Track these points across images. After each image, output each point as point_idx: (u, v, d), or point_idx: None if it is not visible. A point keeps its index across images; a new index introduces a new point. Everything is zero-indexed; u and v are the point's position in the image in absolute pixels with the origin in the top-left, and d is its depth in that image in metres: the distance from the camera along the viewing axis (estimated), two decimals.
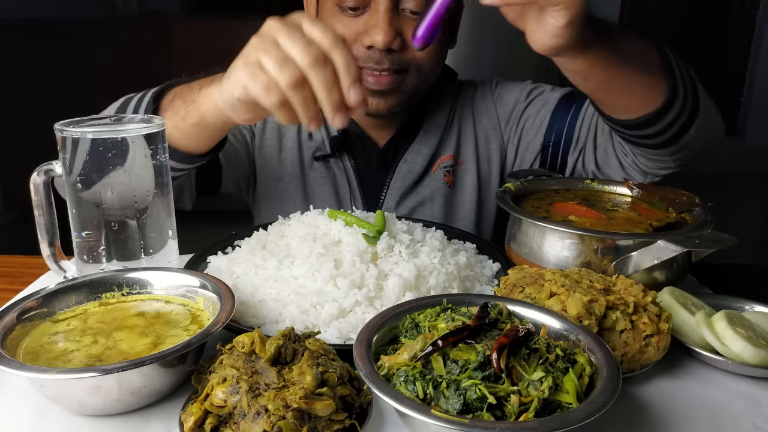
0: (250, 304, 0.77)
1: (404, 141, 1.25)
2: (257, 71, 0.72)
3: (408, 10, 1.06)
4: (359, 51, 1.08)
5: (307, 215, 0.94)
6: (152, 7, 4.64)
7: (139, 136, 0.78)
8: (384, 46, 1.05)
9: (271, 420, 0.51)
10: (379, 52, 1.07)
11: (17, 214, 3.48)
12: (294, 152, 1.26)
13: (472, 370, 0.53)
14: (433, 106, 1.27)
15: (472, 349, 0.55)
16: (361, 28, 1.08)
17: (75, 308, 0.73)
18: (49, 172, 0.81)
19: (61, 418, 0.61)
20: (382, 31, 1.04)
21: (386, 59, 1.07)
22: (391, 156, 1.26)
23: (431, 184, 1.27)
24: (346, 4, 1.07)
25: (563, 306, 0.67)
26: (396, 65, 1.09)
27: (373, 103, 1.14)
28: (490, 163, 1.30)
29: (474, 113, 1.30)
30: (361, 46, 1.08)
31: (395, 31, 1.06)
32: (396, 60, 1.08)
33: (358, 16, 1.08)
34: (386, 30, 1.04)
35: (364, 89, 1.03)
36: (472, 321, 0.58)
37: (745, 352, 0.68)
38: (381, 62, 1.08)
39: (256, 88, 0.73)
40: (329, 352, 0.61)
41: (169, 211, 0.84)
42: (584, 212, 0.91)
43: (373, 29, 1.05)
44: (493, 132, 1.30)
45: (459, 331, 0.56)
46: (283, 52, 0.71)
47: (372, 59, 1.08)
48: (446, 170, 1.27)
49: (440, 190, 1.27)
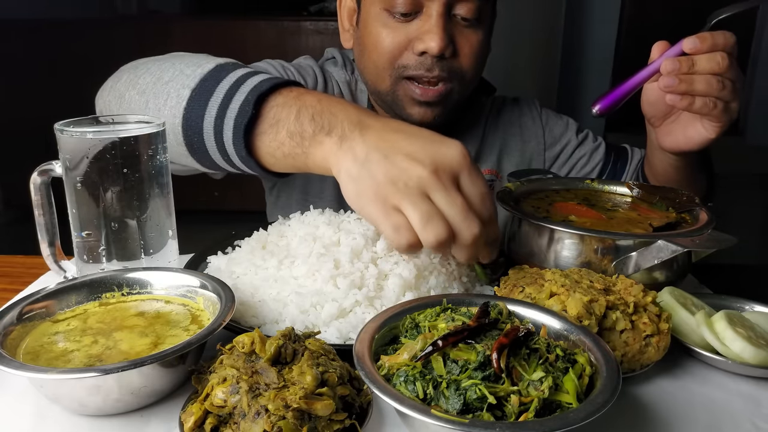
0: (250, 304, 0.77)
1: None
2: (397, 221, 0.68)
3: (460, 17, 1.05)
4: (409, 58, 1.06)
5: (307, 215, 0.94)
6: (152, 7, 4.65)
7: (140, 136, 0.78)
8: (438, 51, 1.03)
9: (271, 420, 0.51)
10: (431, 59, 1.05)
11: (17, 214, 3.49)
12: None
13: (472, 370, 0.53)
14: (469, 116, 1.26)
15: (472, 349, 0.55)
16: (412, 34, 1.05)
17: (75, 308, 0.73)
18: (49, 172, 0.81)
19: (61, 418, 0.61)
20: (437, 37, 1.02)
21: (437, 66, 1.05)
22: None
23: None
24: (396, 10, 1.04)
25: (563, 306, 0.67)
26: (446, 73, 1.07)
27: (420, 113, 1.12)
28: None
29: (522, 133, 1.31)
30: (412, 53, 1.06)
31: (449, 37, 1.04)
32: (446, 68, 1.07)
33: (408, 21, 1.05)
34: (440, 35, 1.02)
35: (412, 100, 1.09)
36: (472, 321, 0.58)
37: (745, 352, 0.68)
38: (432, 69, 1.06)
39: (389, 232, 0.69)
40: (329, 352, 0.61)
41: (169, 211, 0.84)
42: (584, 212, 0.91)
43: (426, 35, 1.03)
44: (537, 156, 1.31)
45: (459, 331, 0.56)
46: (433, 207, 0.67)
47: (423, 66, 1.06)
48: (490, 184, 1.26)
49: None
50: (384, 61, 1.08)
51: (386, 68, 1.09)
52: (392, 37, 1.06)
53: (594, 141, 1.35)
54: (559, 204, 0.95)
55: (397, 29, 1.06)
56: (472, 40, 1.08)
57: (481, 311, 0.60)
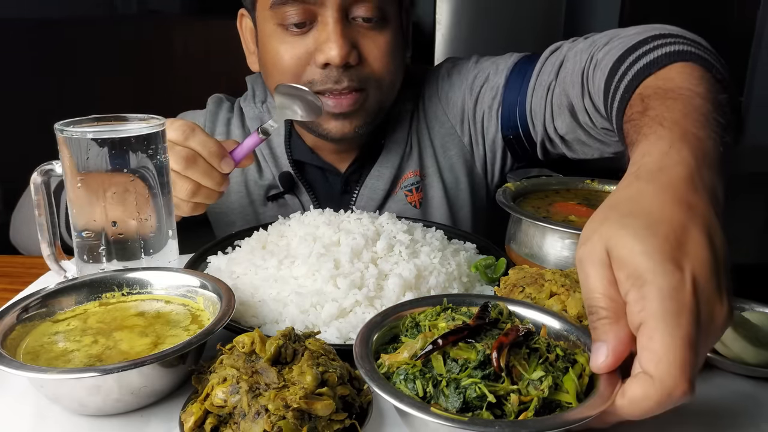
0: (250, 304, 0.77)
1: (366, 163, 1.16)
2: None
3: (360, 18, 0.98)
4: (314, 73, 0.99)
5: (307, 215, 0.94)
6: (152, 7, 4.65)
7: (139, 136, 0.78)
8: (341, 60, 0.95)
9: (271, 420, 0.51)
10: (336, 70, 0.97)
11: None
12: (242, 194, 1.18)
13: (471, 369, 0.53)
14: (393, 119, 1.17)
15: (472, 348, 0.55)
16: (311, 46, 0.98)
17: (75, 308, 0.73)
18: (49, 172, 0.81)
19: (61, 418, 0.61)
20: (336, 45, 0.94)
21: (345, 77, 0.98)
22: (354, 181, 1.17)
23: (393, 206, 1.17)
24: (289, 21, 0.97)
25: (563, 306, 0.67)
26: (356, 82, 1.00)
27: (337, 126, 1.05)
28: (453, 171, 1.20)
29: (427, 121, 1.19)
30: (315, 66, 0.98)
31: (350, 43, 0.97)
32: (355, 76, 0.99)
33: (305, 33, 0.98)
34: (340, 43, 0.95)
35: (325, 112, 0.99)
36: (473, 320, 0.58)
37: (746, 353, 0.68)
38: (340, 80, 0.98)
39: (176, 190, 0.87)
40: (329, 352, 0.61)
41: (169, 211, 0.84)
42: (584, 212, 0.91)
43: (325, 44, 0.96)
44: (449, 138, 1.19)
45: (459, 330, 0.56)
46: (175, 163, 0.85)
47: (330, 79, 0.98)
48: (413, 187, 1.17)
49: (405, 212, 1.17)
50: (287, 79, 1.00)
51: None
52: (290, 53, 0.99)
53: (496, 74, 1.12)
54: (559, 204, 0.95)
55: (294, 44, 0.99)
56: (379, 41, 1.00)
57: (481, 311, 0.60)
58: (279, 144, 1.18)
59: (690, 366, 0.46)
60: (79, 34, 3.60)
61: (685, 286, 0.47)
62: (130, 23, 3.89)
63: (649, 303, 0.47)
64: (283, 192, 1.16)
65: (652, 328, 0.47)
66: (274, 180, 1.17)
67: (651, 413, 0.49)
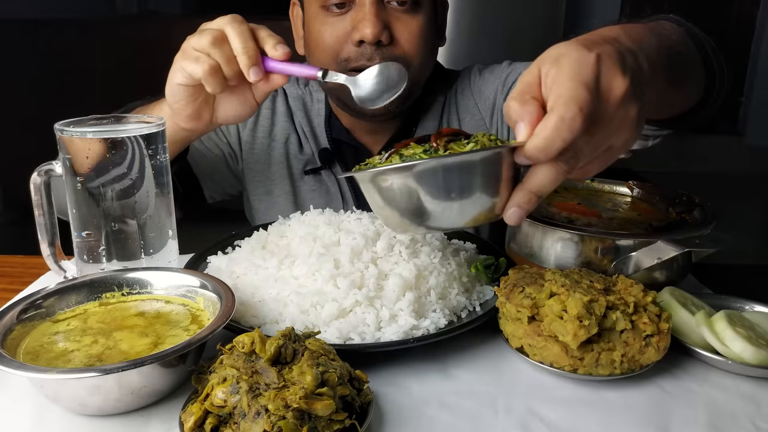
0: (250, 304, 0.77)
1: None
2: (185, 51, 0.84)
3: (394, 2, 1.06)
4: (350, 51, 1.07)
5: (307, 215, 0.94)
6: (152, 7, 4.64)
7: (139, 136, 0.78)
8: (373, 38, 1.04)
9: (271, 420, 0.51)
10: (369, 47, 1.06)
11: (17, 214, 3.48)
12: (282, 166, 1.27)
13: (419, 153, 0.65)
14: (426, 108, 1.26)
15: (421, 146, 0.67)
16: (348, 26, 1.07)
17: (75, 308, 0.73)
18: (49, 172, 0.81)
19: (61, 418, 0.61)
20: (370, 23, 1.03)
21: (377, 54, 1.06)
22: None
23: None
24: (330, 2, 1.07)
25: (563, 306, 0.67)
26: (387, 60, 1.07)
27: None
28: None
29: (459, 112, 1.28)
30: (351, 44, 1.07)
31: (383, 23, 1.05)
32: (386, 55, 1.07)
33: (344, 14, 1.07)
34: (374, 22, 1.03)
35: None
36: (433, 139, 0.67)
37: (745, 352, 0.68)
38: (372, 58, 1.06)
39: (188, 63, 0.82)
40: (329, 352, 0.61)
41: (169, 211, 0.84)
42: (584, 212, 0.91)
43: (360, 23, 1.05)
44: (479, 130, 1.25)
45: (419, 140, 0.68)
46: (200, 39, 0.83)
47: (363, 56, 1.07)
48: None
49: None
50: (327, 57, 1.10)
51: (331, 64, 1.09)
52: (330, 32, 1.08)
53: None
54: (559, 204, 0.95)
55: (334, 24, 1.08)
56: (411, 25, 1.09)
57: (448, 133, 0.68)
58: (319, 124, 1.27)
59: (585, 103, 0.56)
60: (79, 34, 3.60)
61: (590, 56, 0.58)
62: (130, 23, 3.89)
63: (560, 67, 0.58)
64: (320, 168, 1.25)
65: (558, 79, 0.58)
66: (312, 156, 1.26)
67: (551, 143, 0.57)
